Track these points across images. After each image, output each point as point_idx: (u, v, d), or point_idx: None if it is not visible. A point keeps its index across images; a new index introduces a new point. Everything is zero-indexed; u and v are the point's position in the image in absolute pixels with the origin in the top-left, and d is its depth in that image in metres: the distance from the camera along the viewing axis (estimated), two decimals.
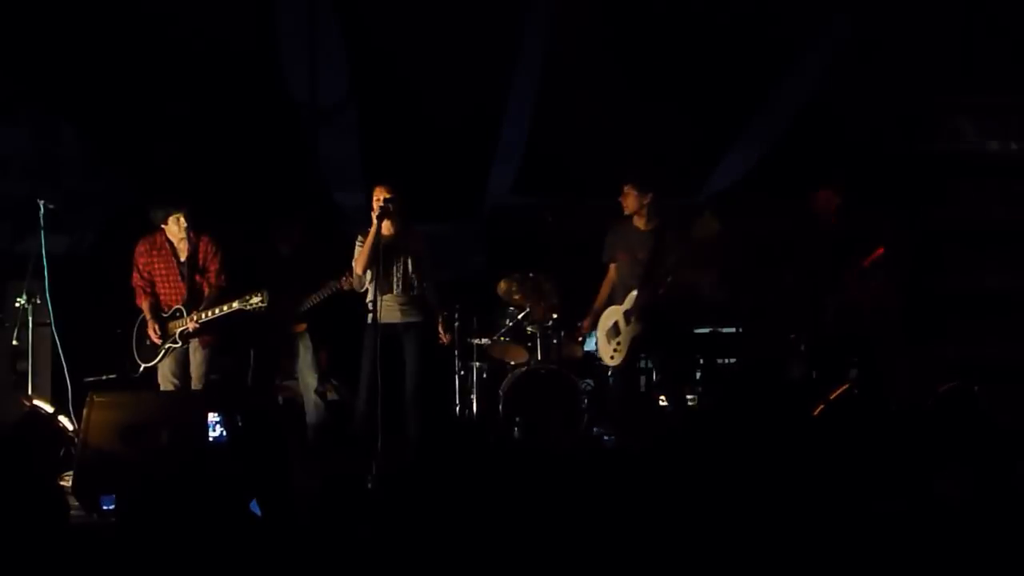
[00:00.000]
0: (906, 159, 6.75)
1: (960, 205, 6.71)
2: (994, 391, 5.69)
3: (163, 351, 6.27)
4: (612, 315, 6.30)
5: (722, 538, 3.97)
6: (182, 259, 6.30)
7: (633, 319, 6.14)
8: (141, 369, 6.33)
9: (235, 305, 6.09)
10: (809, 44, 7.68)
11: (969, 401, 5.33)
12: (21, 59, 7.21)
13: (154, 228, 6.32)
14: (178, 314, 6.24)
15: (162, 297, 6.33)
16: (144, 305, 6.32)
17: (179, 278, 6.31)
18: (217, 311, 6.15)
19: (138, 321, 6.39)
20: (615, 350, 6.24)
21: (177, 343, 6.24)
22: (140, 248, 6.35)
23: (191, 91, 7.53)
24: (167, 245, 6.30)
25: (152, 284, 6.34)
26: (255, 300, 6.02)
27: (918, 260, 6.75)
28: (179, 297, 6.28)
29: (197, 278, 6.30)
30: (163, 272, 6.33)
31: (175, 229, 6.24)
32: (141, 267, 6.33)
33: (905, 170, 6.78)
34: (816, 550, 3.87)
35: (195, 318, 6.15)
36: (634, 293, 6.14)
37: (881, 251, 6.16)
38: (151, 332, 6.26)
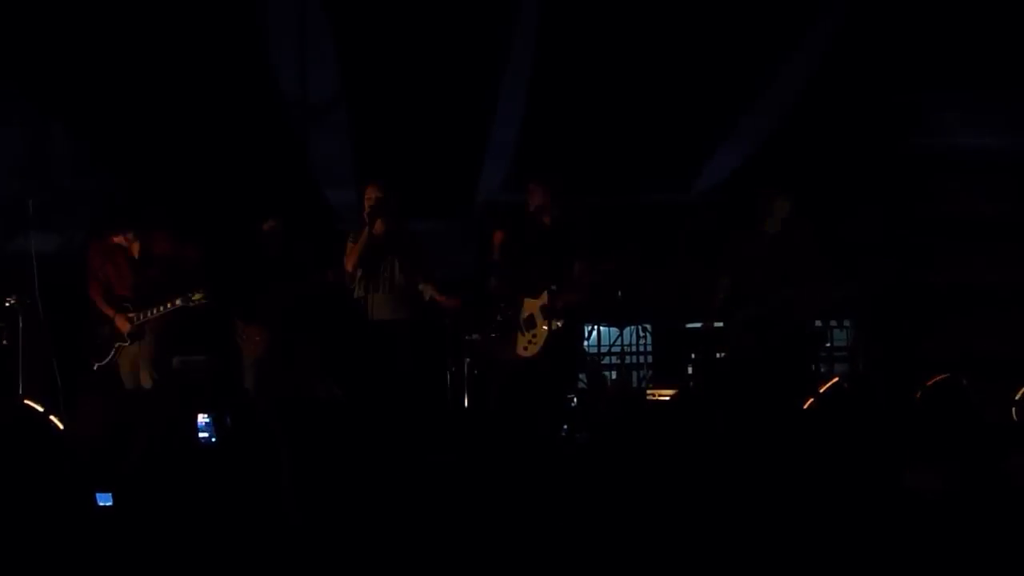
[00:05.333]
0: (894, 154, 6.76)
1: (948, 200, 6.74)
2: (982, 385, 5.71)
3: (113, 350, 6.19)
4: None
5: (712, 533, 3.99)
6: (135, 256, 6.25)
7: None
8: (95, 367, 6.25)
9: (178, 302, 6.01)
10: (797, 41, 7.70)
11: (957, 394, 5.34)
12: (11, 59, 7.20)
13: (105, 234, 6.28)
14: (129, 311, 6.17)
15: (117, 294, 6.25)
16: (106, 307, 6.22)
17: (130, 273, 6.24)
18: (160, 310, 6.07)
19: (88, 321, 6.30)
20: None
21: (126, 341, 6.17)
22: (92, 251, 6.29)
23: (182, 90, 7.53)
24: (119, 246, 6.26)
25: (108, 283, 6.25)
26: (197, 296, 5.96)
27: (906, 255, 6.77)
28: (131, 294, 6.21)
29: (149, 273, 6.24)
30: (115, 272, 6.25)
31: (122, 239, 6.23)
32: (96, 269, 6.26)
33: (893, 165, 6.80)
34: (803, 543, 3.89)
35: (133, 318, 6.10)
36: None
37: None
38: (120, 327, 6.17)
